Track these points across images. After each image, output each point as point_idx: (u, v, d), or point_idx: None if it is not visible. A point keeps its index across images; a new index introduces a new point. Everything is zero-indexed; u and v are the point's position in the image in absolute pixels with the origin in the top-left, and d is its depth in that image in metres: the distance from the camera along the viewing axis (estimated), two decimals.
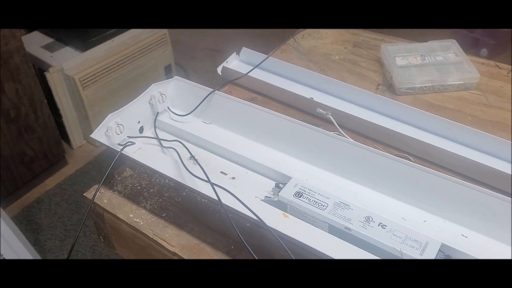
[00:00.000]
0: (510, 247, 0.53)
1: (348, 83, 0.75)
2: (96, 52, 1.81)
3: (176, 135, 0.72)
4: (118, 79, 1.86)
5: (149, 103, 0.73)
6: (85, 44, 1.79)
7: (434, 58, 0.82)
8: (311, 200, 0.57)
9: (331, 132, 0.66)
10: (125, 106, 0.70)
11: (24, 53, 1.54)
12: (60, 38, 1.87)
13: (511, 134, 0.69)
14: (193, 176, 0.60)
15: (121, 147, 0.66)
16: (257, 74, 0.80)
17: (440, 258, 0.51)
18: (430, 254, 0.50)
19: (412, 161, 0.64)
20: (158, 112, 0.74)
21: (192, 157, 0.66)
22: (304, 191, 0.59)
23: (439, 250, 0.51)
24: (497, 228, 0.54)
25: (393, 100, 0.72)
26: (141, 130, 0.72)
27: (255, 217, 0.54)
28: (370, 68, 0.87)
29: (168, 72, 2.08)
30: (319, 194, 0.58)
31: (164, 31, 1.98)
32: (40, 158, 1.72)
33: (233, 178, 0.65)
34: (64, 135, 1.87)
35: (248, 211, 0.54)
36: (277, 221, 0.55)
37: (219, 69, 0.85)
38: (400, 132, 0.67)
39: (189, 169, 0.61)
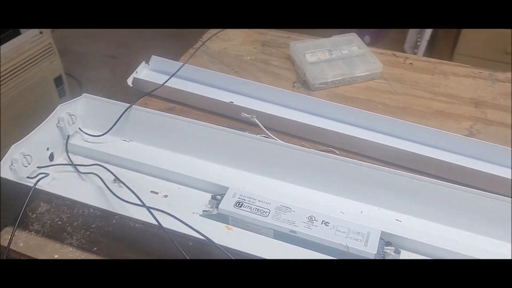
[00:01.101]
0: (441, 225, 0.57)
1: (265, 84, 0.76)
2: None
3: (94, 158, 0.66)
4: (2, 97, 1.67)
5: (57, 126, 0.66)
6: None
7: (340, 52, 0.86)
8: (252, 208, 0.57)
9: (259, 135, 0.66)
10: (30, 133, 0.62)
11: None
12: None
13: (419, 118, 0.75)
14: (123, 201, 0.56)
15: (33, 180, 0.59)
16: (172, 82, 0.77)
17: (382, 246, 0.53)
18: (373, 243, 0.52)
19: (338, 155, 0.66)
20: (69, 136, 0.67)
21: (117, 179, 0.61)
22: (244, 199, 0.58)
23: (380, 238, 0.53)
24: (426, 208, 0.57)
25: (314, 97, 0.74)
26: (51, 157, 0.65)
27: (200, 236, 0.51)
28: (282, 67, 0.88)
29: (59, 85, 1.92)
30: (259, 200, 0.57)
31: (49, 40, 1.83)
32: None
33: (166, 196, 0.62)
34: None
35: (192, 230, 0.52)
36: (221, 235, 0.53)
37: (129, 81, 0.80)
38: (323, 128, 0.69)
39: (116, 193, 0.57)
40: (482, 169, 0.62)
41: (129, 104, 0.68)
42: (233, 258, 0.50)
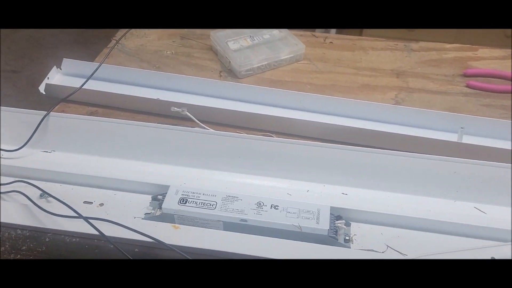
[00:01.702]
0: (384, 192, 0.58)
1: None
2: None
3: (14, 175, 0.60)
4: None
5: None
6: None
7: (262, 37, 0.85)
8: (198, 203, 0.54)
9: (194, 128, 0.63)
10: None
11: None
12: None
13: (346, 94, 0.76)
14: (54, 216, 0.51)
15: None
16: (91, 85, 0.71)
17: (333, 221, 0.53)
18: (324, 220, 0.52)
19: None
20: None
21: (44, 193, 0.55)
22: (187, 195, 0.55)
23: (330, 213, 0.53)
24: (368, 178, 0.59)
25: (241, 83, 0.72)
26: None
27: (147, 239, 0.48)
28: (205, 58, 0.86)
29: None
30: (203, 194, 0.55)
31: None
32: None
33: (101, 204, 0.58)
34: None
35: (137, 234, 0.48)
36: (170, 235, 0.50)
37: (41, 88, 0.73)
38: (256, 113, 0.68)
39: (45, 209, 0.52)
40: (413, 133, 0.65)
41: (45, 112, 0.62)
42: (186, 256, 0.47)
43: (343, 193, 0.58)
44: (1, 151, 0.61)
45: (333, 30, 2.00)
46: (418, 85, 0.78)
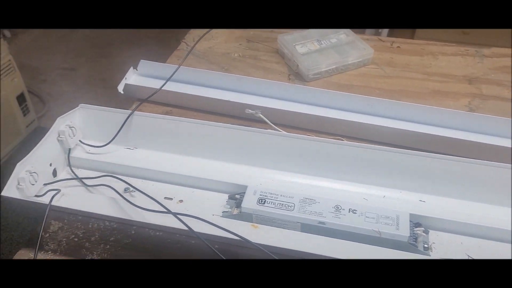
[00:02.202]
0: (463, 201, 0.58)
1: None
2: None
3: (99, 170, 0.63)
4: None
5: (58, 140, 0.62)
6: None
7: (329, 41, 0.86)
8: (276, 204, 0.56)
9: (269, 130, 0.65)
10: (33, 150, 0.59)
11: None
12: None
13: (417, 99, 0.76)
14: (141, 210, 0.54)
15: (43, 198, 0.56)
16: (166, 86, 0.74)
17: (412, 228, 0.53)
18: (404, 226, 0.53)
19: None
20: (70, 149, 0.64)
21: (133, 187, 0.58)
22: (265, 196, 0.56)
23: (409, 220, 0.54)
24: (446, 186, 0.58)
25: (314, 87, 0.73)
26: (54, 173, 0.62)
27: (232, 237, 0.50)
28: (272, 61, 0.88)
29: (22, 103, 1.84)
30: (281, 195, 0.56)
31: (8, 56, 1.74)
32: None
33: (181, 201, 0.60)
34: None
35: (223, 231, 0.50)
36: (250, 234, 0.52)
37: (120, 88, 0.76)
38: (331, 117, 0.68)
39: (133, 202, 0.54)
40: (490, 142, 0.64)
41: (129, 111, 0.65)
42: (273, 256, 0.48)
43: (420, 200, 0.58)
44: (88, 147, 0.65)
45: (385, 31, 1.98)
46: (493, 92, 0.76)
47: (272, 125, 0.67)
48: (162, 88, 0.74)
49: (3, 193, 0.54)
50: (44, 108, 2.05)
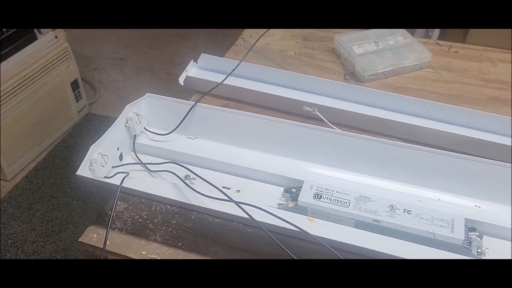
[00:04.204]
0: None
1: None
2: None
3: (161, 157, 0.67)
4: (22, 103, 1.67)
5: (126, 126, 0.66)
6: None
7: (386, 43, 0.87)
8: (332, 200, 0.57)
9: (326, 128, 0.66)
10: (105, 134, 0.63)
11: None
12: None
13: (474, 105, 0.75)
14: (201, 196, 0.57)
15: (113, 180, 0.59)
16: (221, 79, 0.77)
17: (466, 232, 0.54)
18: (459, 230, 0.53)
19: None
20: (135, 135, 0.67)
21: (195, 175, 0.61)
22: (322, 191, 0.58)
23: (464, 225, 0.54)
24: (503, 193, 0.58)
25: (372, 89, 0.74)
26: (120, 157, 0.66)
27: (292, 228, 0.52)
28: (327, 60, 0.89)
29: (75, 89, 1.92)
30: (337, 192, 0.58)
31: (65, 44, 1.82)
32: None
33: (238, 191, 0.63)
34: None
35: (281, 222, 0.52)
36: (306, 227, 0.54)
37: (181, 79, 0.80)
38: (387, 118, 0.69)
39: (195, 189, 0.57)
40: None
41: (192, 102, 0.68)
42: (330, 248, 0.50)
43: (476, 206, 0.59)
44: (152, 134, 0.68)
45: (436, 32, 1.95)
46: None
47: (329, 123, 0.69)
48: (219, 82, 0.77)
49: (78, 173, 0.58)
50: (95, 95, 2.13)
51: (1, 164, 1.66)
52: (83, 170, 0.58)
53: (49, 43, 1.80)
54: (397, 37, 0.88)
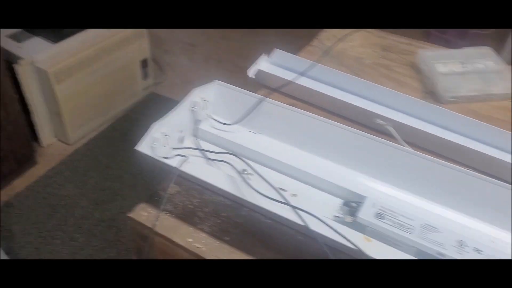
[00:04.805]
0: None
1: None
2: (70, 43, 1.67)
3: (220, 146, 0.65)
4: (93, 73, 1.73)
5: (190, 110, 0.65)
6: (57, 35, 1.64)
7: (474, 66, 0.80)
8: (395, 223, 0.53)
9: (398, 145, 0.62)
10: (168, 114, 0.62)
11: None
12: (29, 28, 1.71)
13: None
14: (257, 194, 0.54)
15: (170, 161, 0.58)
16: (295, 78, 0.74)
17: None
18: None
19: None
20: (199, 120, 0.66)
21: (253, 171, 0.59)
22: (385, 212, 0.54)
23: None
24: None
25: (457, 113, 0.68)
26: (181, 140, 0.65)
27: (350, 245, 0.48)
28: (406, 74, 0.84)
29: (144, 67, 1.97)
30: (401, 215, 0.54)
31: None
32: (8, 158, 1.57)
33: (294, 195, 0.60)
34: (32, 133, 1.71)
35: (333, 234, 0.49)
36: (361, 246, 0.50)
37: (251, 72, 0.78)
38: (465, 146, 0.64)
39: (252, 186, 0.55)
40: None
41: (260, 96, 0.66)
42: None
43: None
44: (215, 122, 0.67)
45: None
46: None
47: (402, 141, 0.65)
48: (291, 80, 0.74)
49: (139, 148, 0.57)
50: (162, 77, 2.17)
51: (66, 127, 1.73)
52: (143, 147, 0.58)
53: None
54: (487, 61, 0.81)
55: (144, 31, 1.87)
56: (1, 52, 1.41)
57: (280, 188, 0.60)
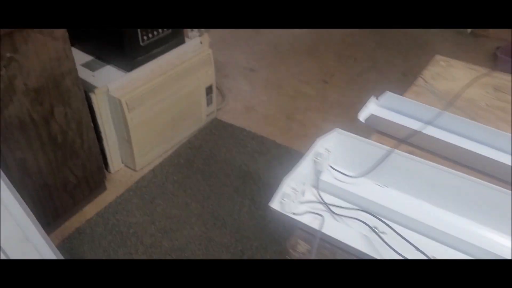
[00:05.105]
0: None
1: None
2: (141, 72, 1.70)
3: (344, 199, 0.62)
4: (162, 101, 1.75)
5: (314, 161, 0.62)
6: (130, 64, 1.68)
7: None
8: None
9: None
10: (295, 167, 0.60)
11: (76, 75, 1.42)
12: (101, 56, 1.76)
13: None
14: (397, 255, 0.50)
15: (301, 217, 0.56)
16: (407, 122, 0.70)
17: None
18: None
19: None
20: (320, 171, 0.64)
21: (397, 233, 0.55)
22: None
23: None
24: None
25: None
26: (302, 193, 0.62)
27: None
28: None
29: (208, 93, 1.98)
30: None
31: (209, 50, 1.89)
32: (82, 185, 1.60)
33: (433, 257, 0.55)
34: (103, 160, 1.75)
35: None
36: None
37: (361, 116, 0.75)
38: None
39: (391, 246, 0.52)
40: None
41: (389, 148, 0.63)
42: None
43: None
44: (337, 174, 0.64)
45: None
46: None
47: None
48: (404, 124, 0.71)
49: (272, 205, 0.55)
50: (223, 102, 2.18)
51: (134, 154, 1.75)
52: (275, 203, 0.56)
53: (195, 47, 1.87)
54: None
55: (211, 57, 1.89)
56: (81, 84, 1.45)
57: (416, 249, 0.57)
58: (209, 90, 1.96)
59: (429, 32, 2.73)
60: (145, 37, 1.66)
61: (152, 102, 1.70)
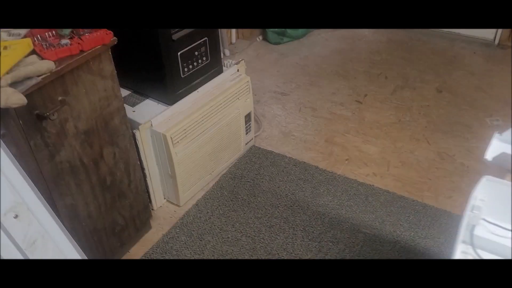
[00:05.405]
0: None
1: None
2: (183, 104, 1.64)
3: (502, 255, 0.55)
4: (204, 132, 1.69)
5: (469, 215, 0.56)
6: (172, 97, 1.62)
7: None
8: None
9: None
10: (459, 227, 0.53)
11: (124, 113, 1.37)
12: (139, 90, 1.70)
13: None
14: None
15: None
16: None
17: None
18: None
19: None
20: (473, 226, 0.57)
21: None
22: None
23: None
24: None
25: None
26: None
27: None
28: None
29: (247, 121, 1.92)
30: None
31: (247, 78, 1.83)
32: (129, 226, 1.53)
33: None
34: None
35: None
36: None
37: (489, 155, 0.68)
38: None
39: None
40: None
41: None
42: None
43: None
44: (493, 227, 0.57)
45: None
46: None
47: None
48: None
49: None
50: (260, 129, 2.12)
51: (178, 189, 1.69)
52: None
53: (232, 76, 1.82)
54: None
55: (249, 84, 1.83)
56: (128, 122, 1.39)
57: None
58: (248, 118, 1.91)
59: (456, 46, 2.68)
60: (185, 69, 1.60)
61: (195, 134, 1.64)
